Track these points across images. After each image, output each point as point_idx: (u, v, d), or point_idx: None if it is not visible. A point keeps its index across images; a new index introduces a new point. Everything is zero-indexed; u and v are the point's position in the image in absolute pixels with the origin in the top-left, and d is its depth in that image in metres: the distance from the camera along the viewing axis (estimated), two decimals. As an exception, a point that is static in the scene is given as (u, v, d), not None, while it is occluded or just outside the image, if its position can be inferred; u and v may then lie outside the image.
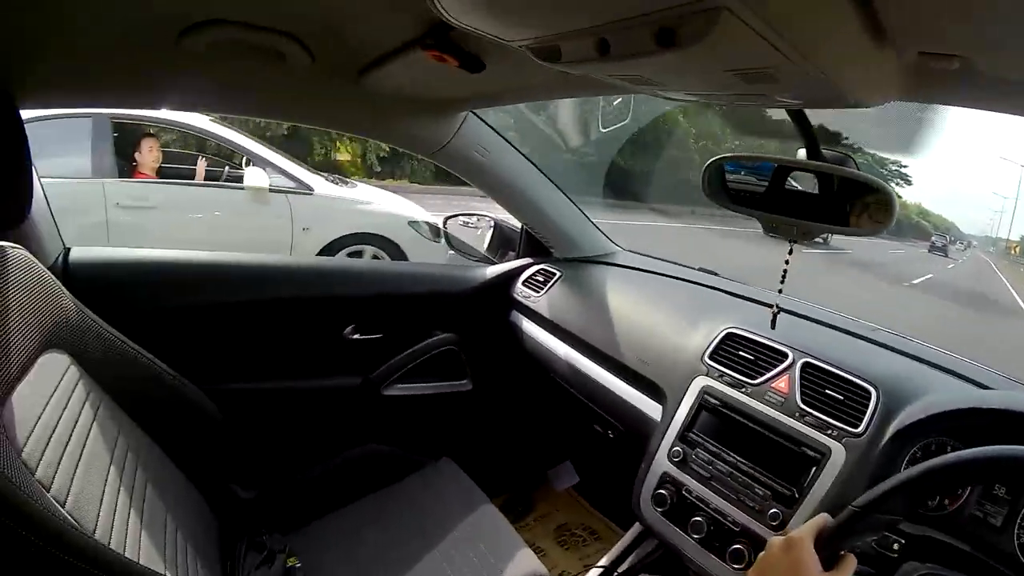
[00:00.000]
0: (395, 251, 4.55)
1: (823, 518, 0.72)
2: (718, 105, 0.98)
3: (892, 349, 1.29)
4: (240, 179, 4.41)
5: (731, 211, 1.02)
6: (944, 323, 9.35)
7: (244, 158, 4.48)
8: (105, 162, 3.88)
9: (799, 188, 0.99)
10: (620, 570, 1.35)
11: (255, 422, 1.58)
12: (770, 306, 1.14)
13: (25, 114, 1.00)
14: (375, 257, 4.48)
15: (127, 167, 4.11)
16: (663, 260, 1.95)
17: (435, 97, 1.37)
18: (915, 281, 14.39)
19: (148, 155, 4.21)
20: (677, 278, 1.76)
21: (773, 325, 1.11)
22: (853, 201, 0.90)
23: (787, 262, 1.00)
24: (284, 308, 1.62)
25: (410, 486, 1.49)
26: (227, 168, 4.67)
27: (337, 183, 4.84)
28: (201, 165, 4.55)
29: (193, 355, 1.38)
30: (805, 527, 0.71)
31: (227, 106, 1.56)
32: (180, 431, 1.19)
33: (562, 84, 1.15)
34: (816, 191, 0.96)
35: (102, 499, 0.84)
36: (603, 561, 1.37)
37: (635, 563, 1.37)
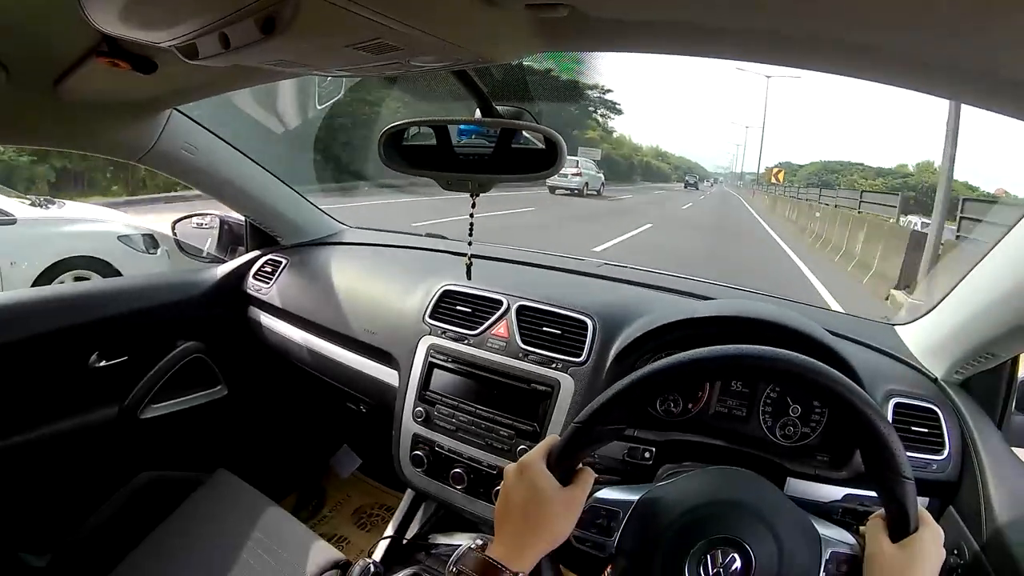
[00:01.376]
0: (108, 271, 4.12)
1: (551, 439, 0.75)
2: (372, 76, 0.99)
3: (610, 279, 1.42)
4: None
5: (410, 175, 1.04)
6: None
7: None
8: None
9: (472, 145, 1.03)
10: (408, 536, 1.39)
11: (23, 480, 1.43)
12: (492, 260, 1.19)
13: None
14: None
15: None
16: (390, 232, 1.97)
17: (132, 100, 1.29)
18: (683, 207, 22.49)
19: None
20: (402, 247, 1.80)
21: (468, 275, 1.16)
22: (530, 151, 0.95)
23: (471, 215, 1.05)
24: (22, 349, 1.43)
25: (194, 506, 1.42)
26: None
27: (42, 205, 4.26)
28: None
29: None
30: (534, 450, 0.74)
31: None
32: None
33: (237, 75, 1.13)
34: (488, 148, 1.01)
35: None
36: (388, 531, 1.40)
37: (422, 525, 1.42)
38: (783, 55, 0.68)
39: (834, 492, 0.93)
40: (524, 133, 0.97)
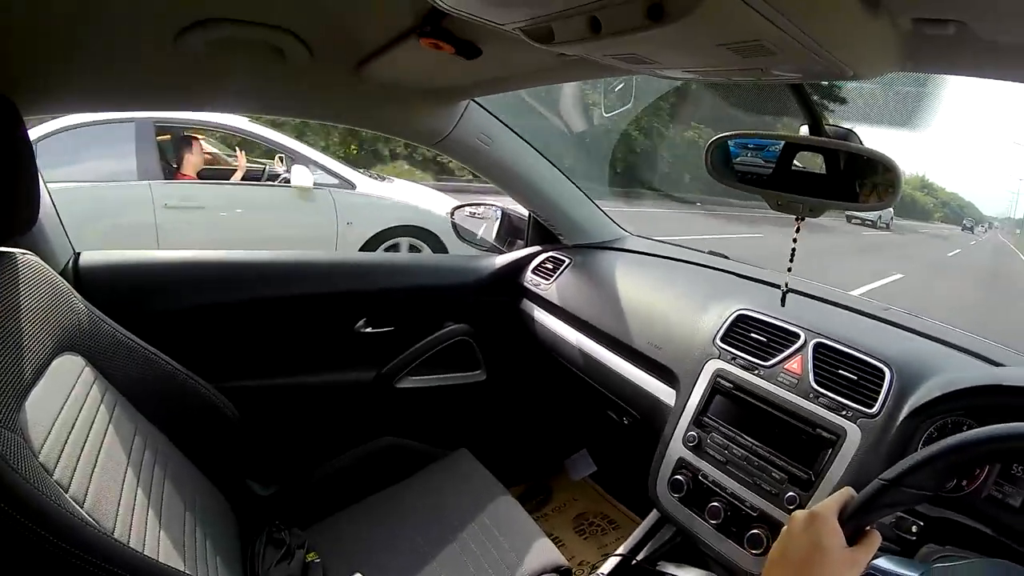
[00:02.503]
0: (435, 241, 4.69)
1: (847, 492, 0.69)
2: (715, 82, 0.97)
3: (904, 328, 1.27)
4: (276, 176, 4.68)
5: (737, 189, 1.00)
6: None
7: (282, 156, 4.65)
8: (150, 165, 4.02)
9: (803, 166, 0.98)
10: (639, 558, 1.35)
11: (270, 419, 1.59)
12: (779, 287, 1.13)
13: (66, 120, 1.01)
14: (413, 248, 4.66)
15: (168, 169, 4.22)
16: (672, 244, 1.94)
17: (435, 87, 1.36)
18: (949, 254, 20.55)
19: (192, 157, 4.34)
20: (687, 261, 1.75)
21: (783, 303, 1.10)
22: (859, 176, 0.88)
23: (795, 240, 0.98)
24: (295, 304, 1.62)
25: (427, 478, 1.48)
26: (267, 167, 4.83)
27: (378, 178, 5.02)
28: (241, 160, 4.70)
29: (206, 354, 1.38)
30: (829, 501, 0.69)
31: (228, 105, 1.57)
32: (196, 429, 1.19)
33: (561, 68, 1.14)
34: (822, 169, 0.95)
35: (120, 498, 0.85)
36: (621, 549, 1.36)
37: (653, 550, 1.37)
38: None
39: None
40: (802, 157, 0.92)
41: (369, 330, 1.74)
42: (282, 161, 4.68)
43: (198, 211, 4.13)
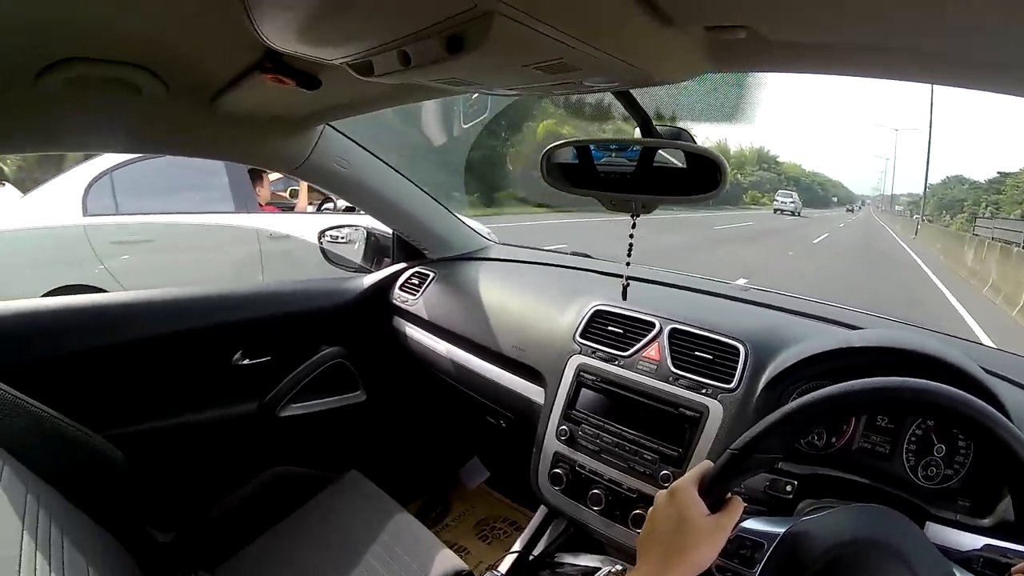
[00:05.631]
0: None
1: (704, 464, 0.74)
2: (539, 96, 1.01)
3: (761, 304, 1.38)
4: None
5: (574, 194, 1.05)
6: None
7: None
8: (247, 198, 4.06)
9: (613, 164, 1.02)
10: (535, 552, 1.39)
11: (160, 462, 1.53)
12: (643, 281, 1.18)
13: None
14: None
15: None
16: (536, 249, 2.00)
17: (288, 114, 1.36)
18: (840, 225, 34.16)
19: (262, 190, 4.29)
20: (549, 264, 1.81)
21: (624, 296, 1.16)
22: (697, 171, 0.93)
23: (631, 236, 1.04)
24: (170, 343, 1.56)
25: (322, 503, 1.47)
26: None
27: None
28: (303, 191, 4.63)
29: (86, 402, 1.32)
30: (687, 475, 0.73)
31: (89, 143, 1.50)
32: (88, 481, 1.14)
33: (400, 92, 1.17)
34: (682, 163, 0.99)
35: (19, 565, 0.79)
36: (516, 546, 1.39)
37: (550, 544, 1.41)
38: (973, 76, 0.64)
39: (974, 541, 0.85)
40: (663, 153, 0.97)
41: (246, 362, 1.70)
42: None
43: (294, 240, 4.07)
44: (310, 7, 0.62)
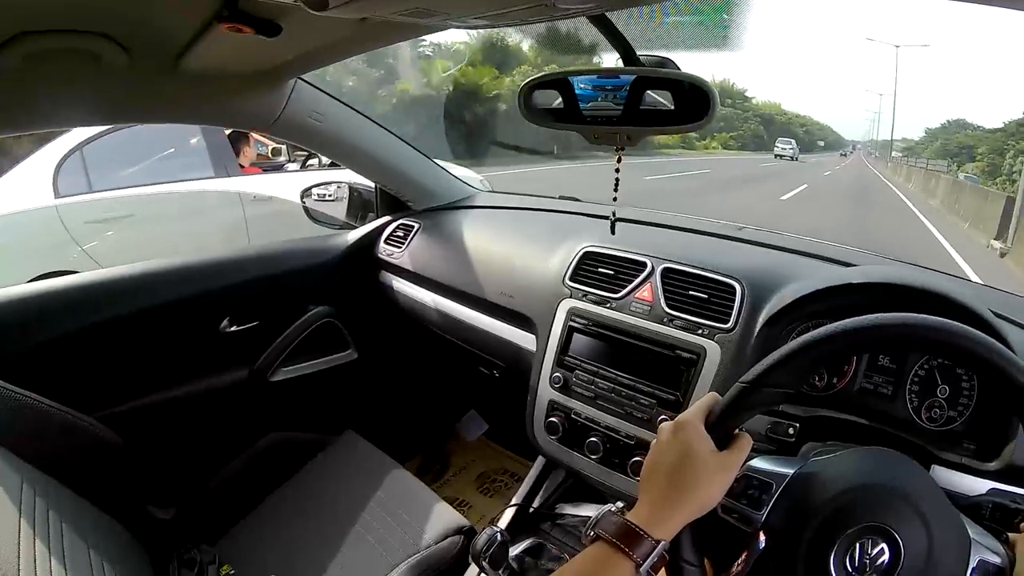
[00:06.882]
0: None
1: (712, 397, 0.71)
2: (510, 25, 0.94)
3: (755, 243, 1.33)
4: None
5: (557, 129, 0.99)
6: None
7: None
8: (227, 160, 3.93)
9: (600, 109, 0.96)
10: (535, 504, 1.37)
11: (154, 438, 1.51)
12: (634, 222, 1.13)
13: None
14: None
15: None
16: (523, 195, 1.94)
17: (256, 69, 1.31)
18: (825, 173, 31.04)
19: (248, 150, 4.25)
20: (536, 209, 1.76)
21: (612, 231, 1.10)
22: (684, 100, 0.87)
23: (617, 170, 0.98)
24: (154, 316, 1.52)
25: (320, 466, 1.47)
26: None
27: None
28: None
29: (74, 386, 1.30)
30: (693, 408, 0.70)
31: (53, 120, 1.44)
32: (84, 465, 1.13)
33: (368, 35, 1.11)
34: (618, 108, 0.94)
35: (19, 554, 0.78)
36: (515, 499, 1.38)
37: (549, 495, 1.39)
38: None
39: (979, 485, 0.83)
40: (652, 94, 0.89)
41: (234, 328, 1.66)
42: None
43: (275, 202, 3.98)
44: None
